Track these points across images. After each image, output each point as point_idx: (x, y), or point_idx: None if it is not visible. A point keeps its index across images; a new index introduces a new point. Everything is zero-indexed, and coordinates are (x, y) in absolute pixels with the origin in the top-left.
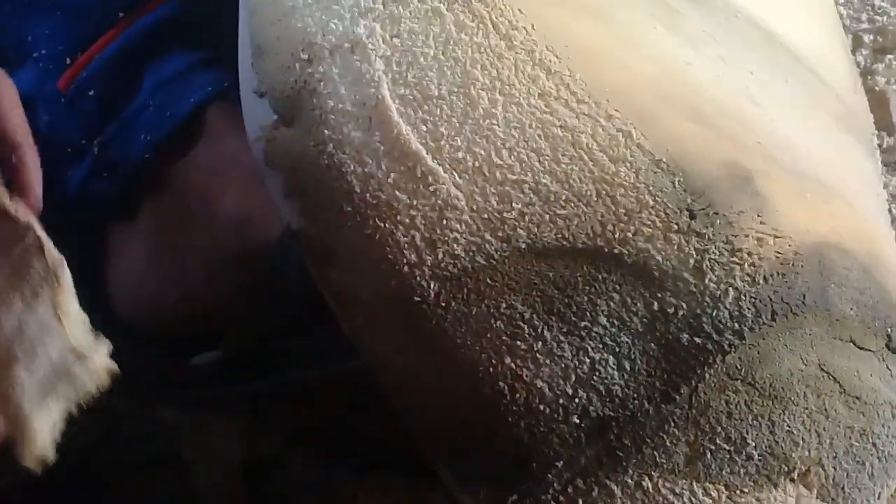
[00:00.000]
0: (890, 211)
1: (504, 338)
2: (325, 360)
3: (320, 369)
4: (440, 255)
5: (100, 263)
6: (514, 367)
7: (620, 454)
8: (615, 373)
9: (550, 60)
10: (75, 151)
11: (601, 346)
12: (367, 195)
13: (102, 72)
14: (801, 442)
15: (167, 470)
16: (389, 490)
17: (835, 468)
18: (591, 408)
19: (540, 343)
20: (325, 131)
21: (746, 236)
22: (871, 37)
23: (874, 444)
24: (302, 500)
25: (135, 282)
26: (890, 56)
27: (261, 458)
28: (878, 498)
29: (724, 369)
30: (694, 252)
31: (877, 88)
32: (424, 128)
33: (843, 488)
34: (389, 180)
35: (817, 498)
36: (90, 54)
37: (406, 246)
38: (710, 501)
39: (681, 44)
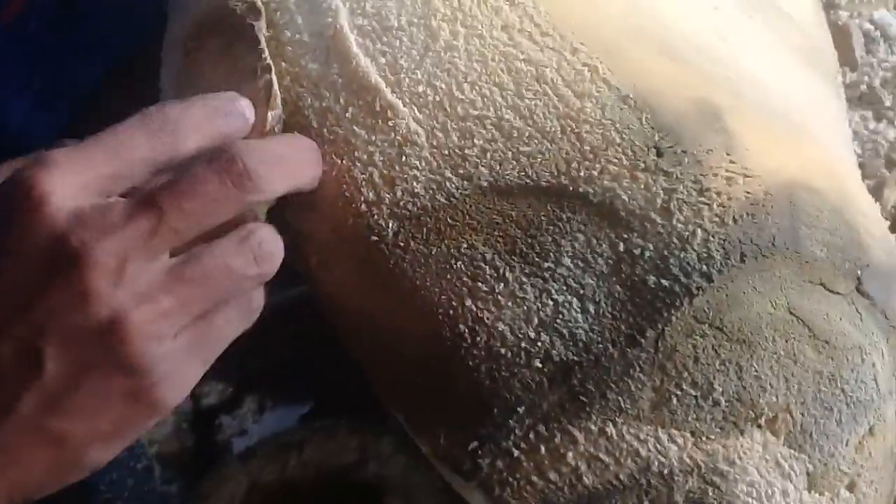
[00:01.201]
0: (853, 148)
1: (465, 279)
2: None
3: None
4: (399, 193)
5: None
6: (474, 309)
7: (584, 399)
8: (579, 316)
9: None
10: (18, 84)
11: (565, 287)
12: (325, 130)
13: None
14: (768, 388)
15: None
16: (337, 436)
17: (803, 414)
18: (554, 352)
19: (502, 284)
20: (282, 63)
21: (715, 175)
22: None
23: (843, 390)
24: (249, 448)
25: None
26: None
27: (210, 406)
28: (846, 445)
29: (692, 312)
30: (661, 191)
31: (839, 23)
32: (383, 60)
33: (810, 435)
34: (347, 115)
35: (784, 444)
36: None
37: (364, 183)
38: (676, 448)
39: None
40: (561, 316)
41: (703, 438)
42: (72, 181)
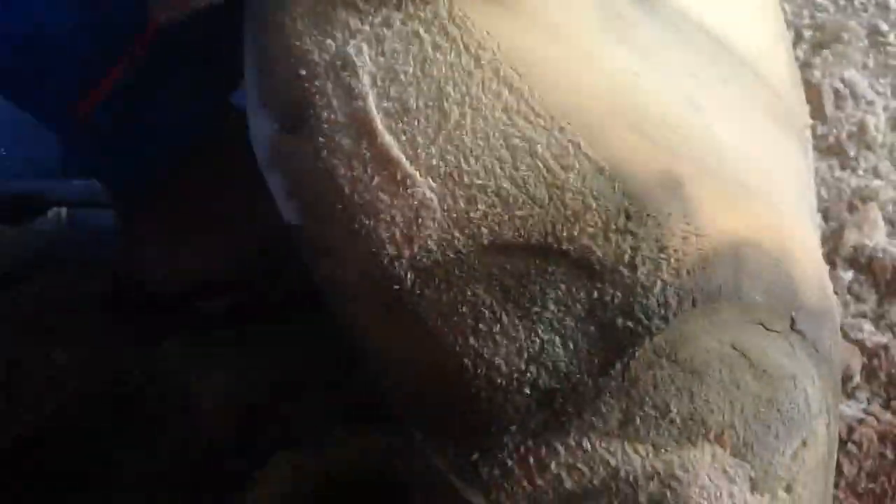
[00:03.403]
0: (818, 190)
1: (468, 321)
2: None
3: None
4: (416, 249)
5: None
6: (476, 346)
7: (564, 419)
8: (561, 351)
9: (513, 78)
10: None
11: (550, 328)
12: (355, 196)
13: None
14: (715, 409)
15: (174, 415)
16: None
17: (745, 430)
18: (540, 381)
19: (498, 326)
20: (320, 139)
21: (673, 235)
22: (811, 32)
23: (778, 410)
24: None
25: (155, 256)
26: (826, 51)
27: (254, 405)
28: (783, 455)
29: (652, 348)
30: (629, 249)
31: (813, 81)
32: (404, 137)
33: (752, 447)
34: (374, 183)
35: (730, 455)
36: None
37: (387, 240)
38: (639, 458)
39: (630, 54)
40: (546, 352)
41: (662, 450)
42: None
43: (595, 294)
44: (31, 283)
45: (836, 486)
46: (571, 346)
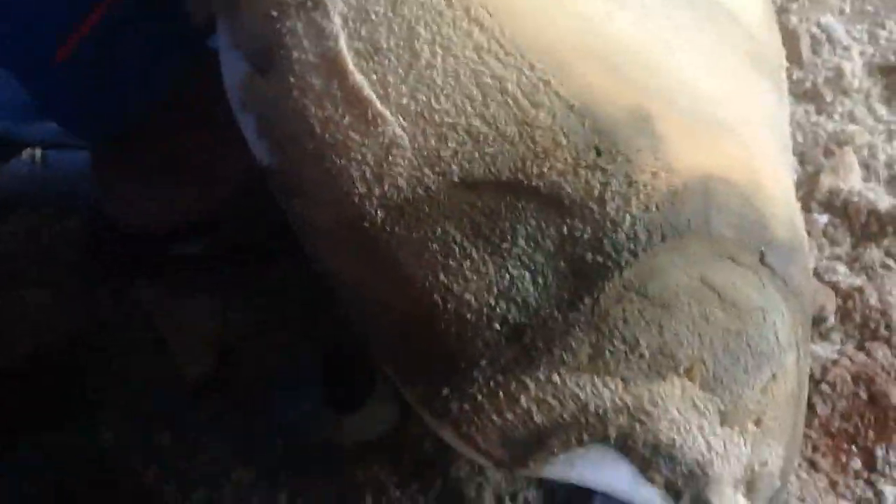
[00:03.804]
0: (794, 135)
1: (438, 257)
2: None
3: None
4: (386, 187)
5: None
6: (446, 282)
7: (534, 354)
8: (530, 286)
9: (483, 17)
10: None
11: (519, 264)
12: (326, 135)
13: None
14: (685, 343)
15: (147, 353)
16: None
17: (714, 364)
18: (510, 316)
19: (468, 262)
20: (292, 79)
21: (643, 171)
22: None
23: (748, 344)
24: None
25: (128, 199)
26: None
27: (229, 342)
28: (752, 388)
29: (621, 283)
30: (598, 184)
31: (789, 26)
32: (374, 77)
33: (721, 381)
34: (345, 122)
35: (700, 388)
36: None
37: (358, 179)
38: (609, 392)
39: None
40: (516, 287)
41: (632, 384)
42: None
43: (565, 230)
44: (5, 224)
45: (810, 425)
46: (541, 281)
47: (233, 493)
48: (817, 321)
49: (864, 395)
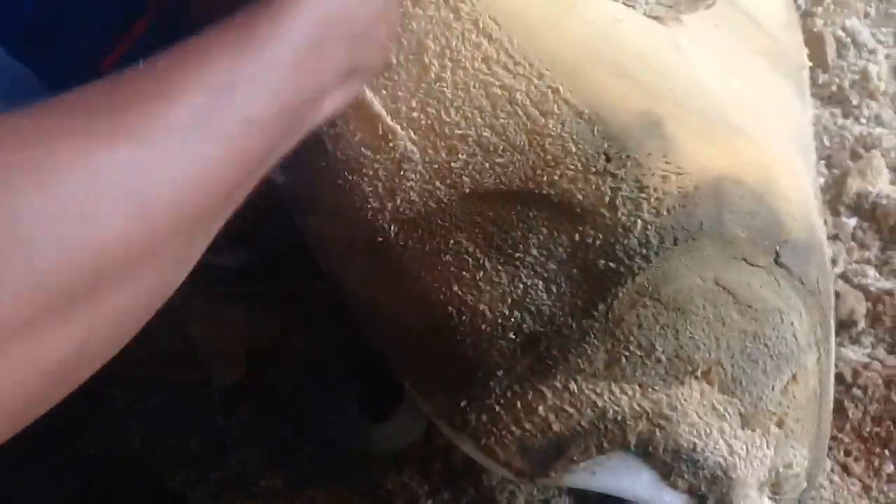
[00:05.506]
0: (821, 138)
1: (452, 269)
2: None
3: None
4: (399, 202)
5: None
6: (460, 293)
7: (549, 363)
8: (544, 295)
9: (492, 28)
10: None
11: (532, 273)
12: (339, 152)
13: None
14: (701, 346)
15: (176, 360)
16: None
17: (732, 366)
18: (524, 325)
19: (481, 272)
20: None
21: (653, 174)
22: None
23: (766, 345)
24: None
25: None
26: (828, 0)
27: (259, 349)
28: (773, 390)
29: (635, 288)
30: (609, 190)
31: (814, 30)
32: (385, 92)
33: (740, 383)
34: (356, 139)
35: (718, 391)
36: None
37: (371, 194)
38: (626, 398)
39: (615, 1)
40: (529, 296)
41: (649, 389)
42: None
43: (576, 237)
44: None
45: (842, 429)
46: (554, 289)
47: (261, 499)
48: (847, 325)
49: (895, 398)
